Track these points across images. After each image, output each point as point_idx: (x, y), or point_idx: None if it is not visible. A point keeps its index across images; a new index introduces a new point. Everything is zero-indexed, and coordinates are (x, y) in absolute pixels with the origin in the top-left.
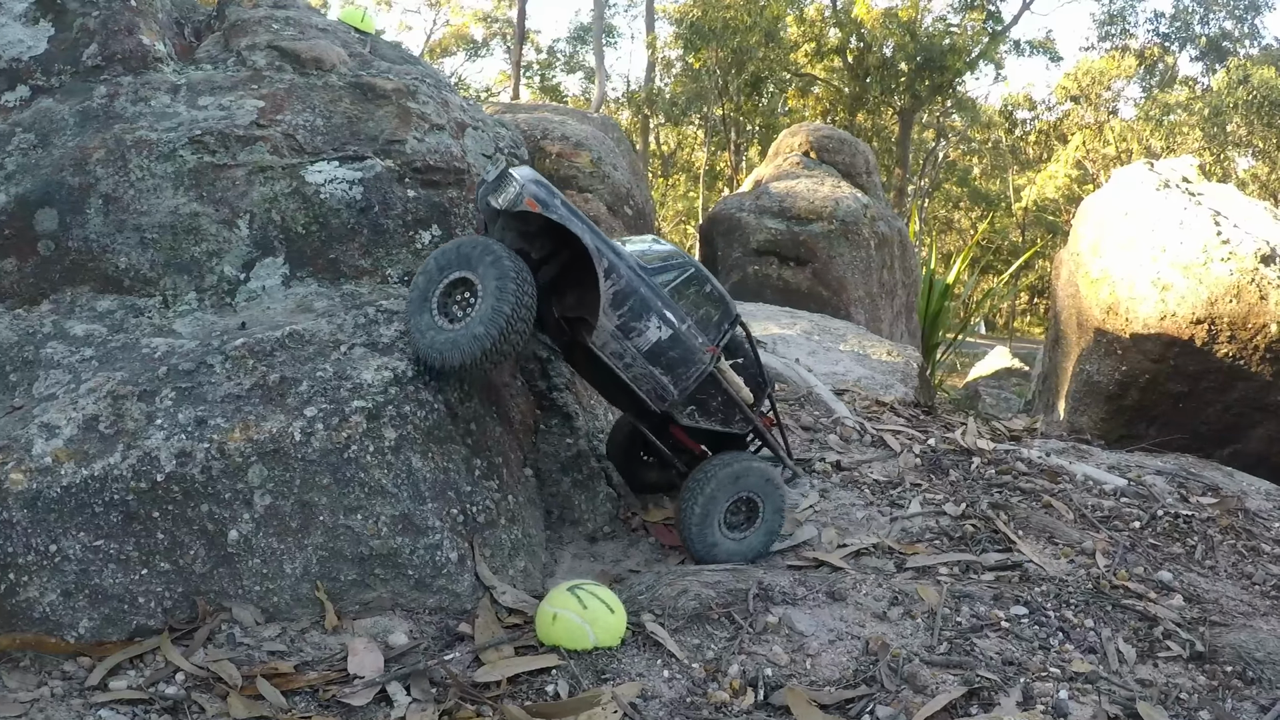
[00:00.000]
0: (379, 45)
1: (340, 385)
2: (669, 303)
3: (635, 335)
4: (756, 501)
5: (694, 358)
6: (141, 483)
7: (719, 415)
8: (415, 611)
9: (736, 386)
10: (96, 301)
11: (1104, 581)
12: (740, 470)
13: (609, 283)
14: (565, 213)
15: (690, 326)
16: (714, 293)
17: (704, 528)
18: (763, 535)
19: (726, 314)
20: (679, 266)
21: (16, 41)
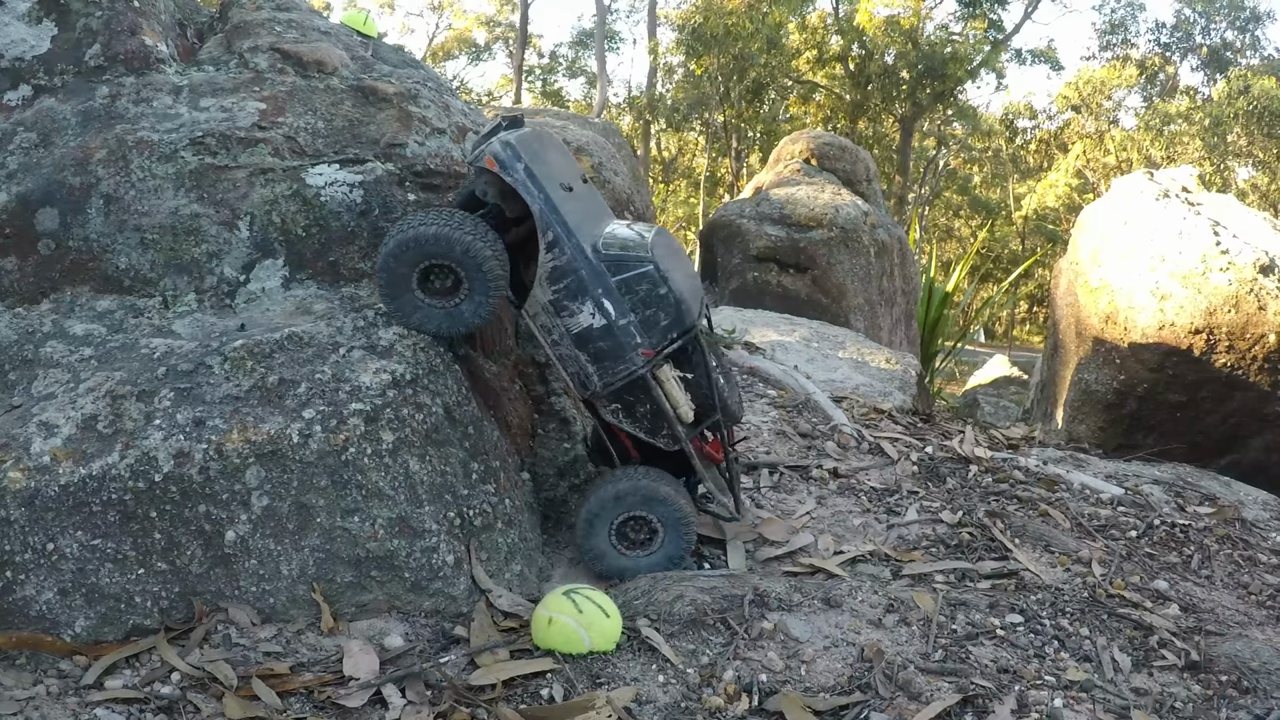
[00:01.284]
0: (381, 49)
1: (339, 388)
2: (611, 292)
3: (567, 315)
4: (654, 524)
5: (625, 355)
6: (139, 482)
7: (644, 423)
8: (411, 614)
9: (674, 401)
10: (96, 301)
11: (1100, 590)
12: (629, 489)
13: (549, 255)
14: (523, 177)
15: (630, 323)
16: (668, 297)
17: (589, 537)
18: (660, 558)
19: (678, 322)
20: (637, 260)
21: (19, 40)
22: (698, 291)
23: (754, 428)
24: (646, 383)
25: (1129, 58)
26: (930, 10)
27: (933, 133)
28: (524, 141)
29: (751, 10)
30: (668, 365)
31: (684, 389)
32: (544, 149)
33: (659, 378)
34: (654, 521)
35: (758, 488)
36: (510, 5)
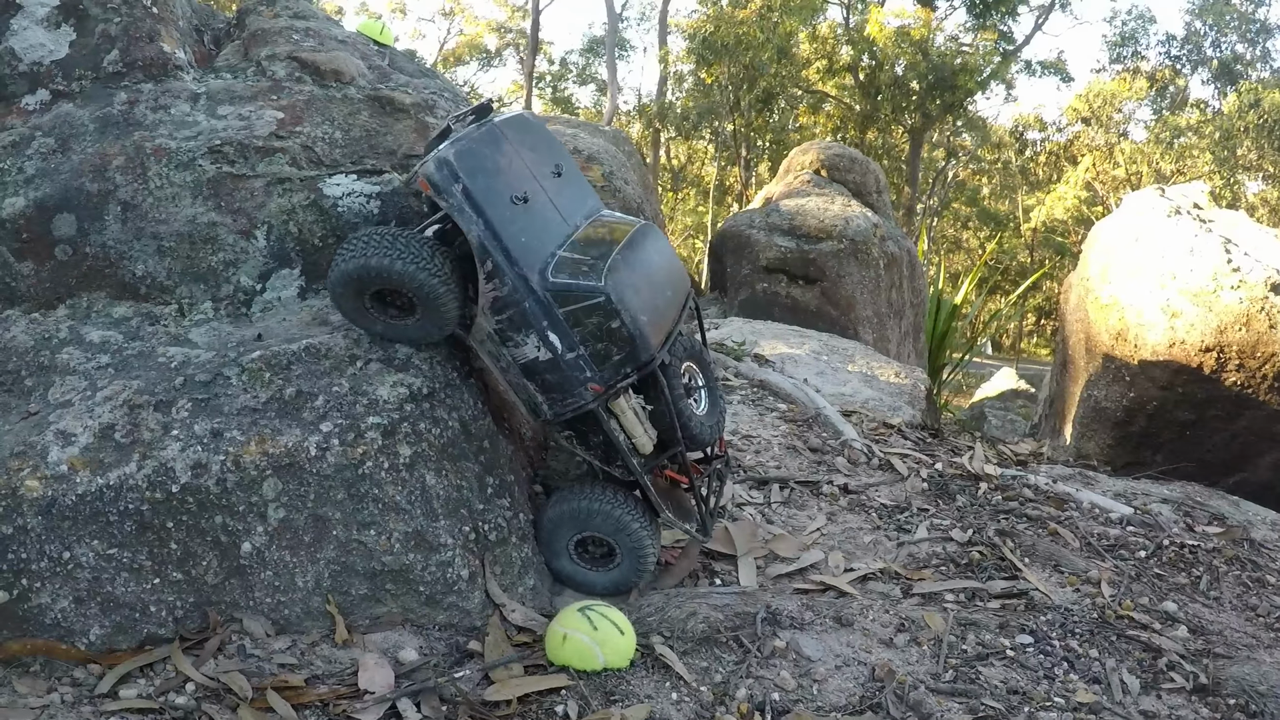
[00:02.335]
0: (397, 58)
1: (356, 401)
2: (558, 325)
3: (512, 345)
4: (611, 544)
5: (574, 390)
6: (157, 493)
7: (597, 452)
8: (425, 627)
9: (630, 433)
10: (113, 308)
11: (1109, 611)
12: (582, 510)
13: (490, 286)
14: (459, 200)
15: (578, 357)
16: (621, 331)
17: (550, 548)
18: (616, 577)
19: (631, 358)
20: (587, 292)
21: (38, 45)
22: (665, 313)
23: (764, 442)
24: (598, 417)
25: (1139, 70)
26: (941, 22)
27: (942, 144)
28: (466, 155)
29: (762, 20)
30: (624, 397)
31: (646, 418)
32: (496, 153)
33: (613, 410)
34: (612, 545)
35: (768, 503)
36: (522, 12)
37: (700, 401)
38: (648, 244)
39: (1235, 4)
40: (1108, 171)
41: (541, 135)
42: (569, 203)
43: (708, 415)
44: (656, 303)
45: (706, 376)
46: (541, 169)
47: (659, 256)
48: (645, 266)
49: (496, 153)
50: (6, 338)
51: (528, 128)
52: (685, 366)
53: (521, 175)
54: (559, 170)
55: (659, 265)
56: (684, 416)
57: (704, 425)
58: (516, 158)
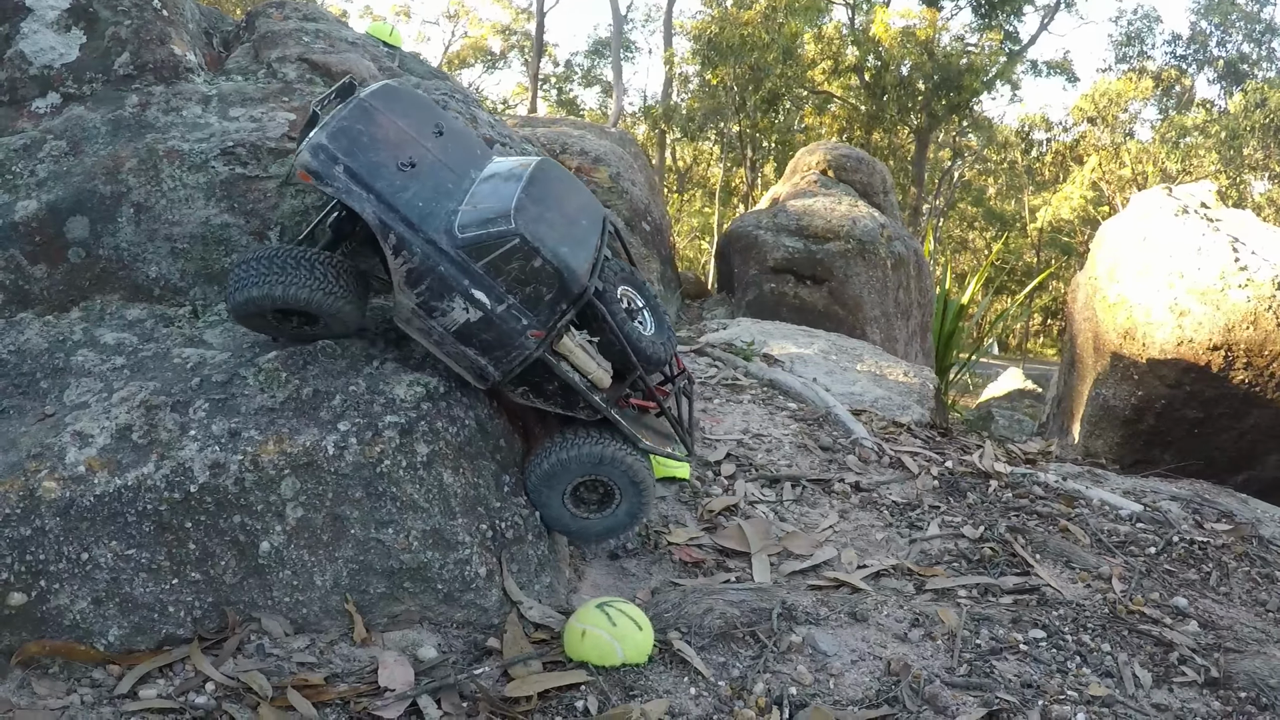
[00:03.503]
0: (407, 60)
1: (373, 400)
2: (479, 280)
3: (439, 315)
4: (609, 486)
5: (514, 342)
6: (175, 493)
7: (557, 399)
8: (443, 625)
9: (584, 369)
10: (126, 310)
11: (1120, 606)
12: (585, 455)
13: (399, 260)
14: (344, 182)
15: (509, 308)
16: (545, 268)
17: (546, 503)
18: (622, 518)
19: (564, 292)
20: (499, 237)
21: (48, 48)
22: (585, 241)
23: (775, 440)
24: (546, 362)
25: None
26: (946, 22)
27: (947, 144)
28: (339, 135)
29: (768, 21)
30: (568, 335)
31: (595, 351)
32: (371, 126)
33: (560, 352)
34: (608, 483)
35: (780, 500)
36: (526, 14)
37: (646, 322)
38: (550, 178)
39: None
40: (1114, 171)
41: (413, 100)
42: (459, 158)
43: (657, 334)
44: (573, 232)
45: (645, 297)
46: (422, 131)
47: (564, 188)
48: (553, 200)
49: (371, 126)
50: (21, 340)
51: (396, 96)
52: (621, 291)
53: (403, 142)
54: (440, 129)
55: (567, 196)
56: (633, 339)
57: (655, 344)
58: (393, 127)
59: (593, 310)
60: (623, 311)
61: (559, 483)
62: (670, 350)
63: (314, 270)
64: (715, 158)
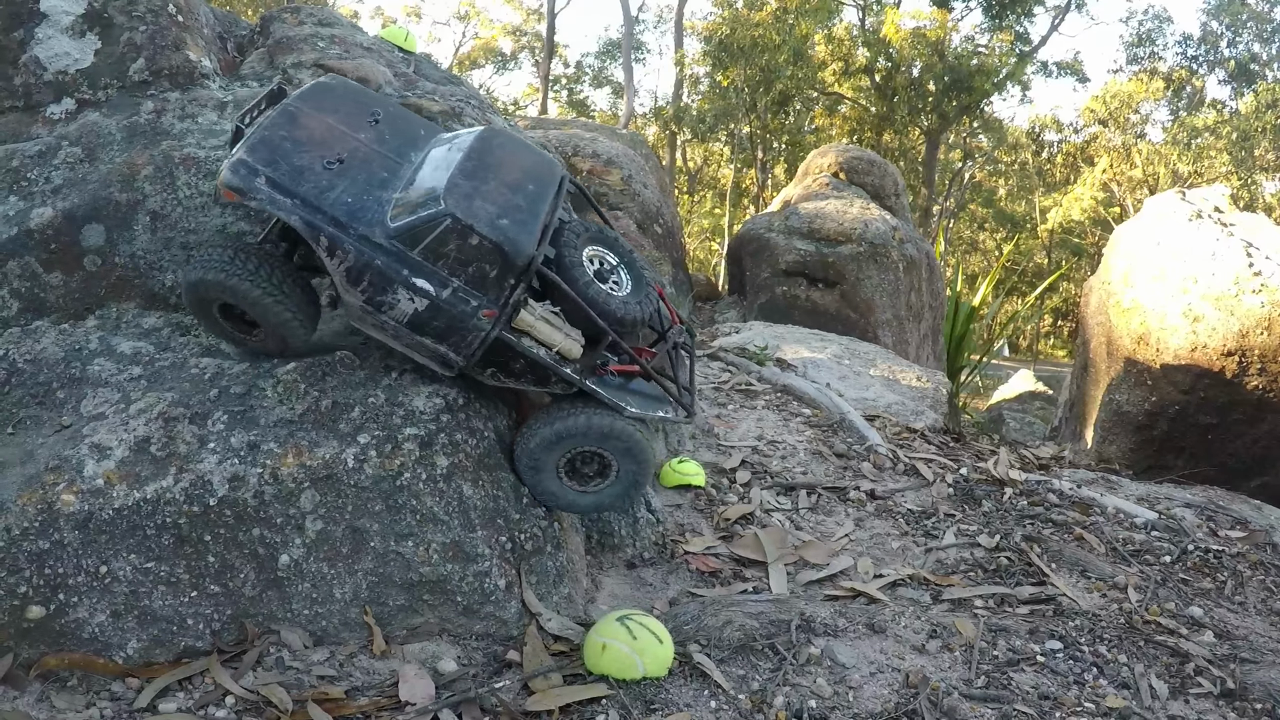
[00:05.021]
0: (422, 65)
1: (393, 412)
2: (419, 268)
3: (388, 309)
4: (605, 457)
5: (468, 324)
6: (194, 506)
7: (527, 377)
8: (462, 637)
9: (550, 342)
10: (142, 318)
11: (1136, 616)
12: (580, 426)
13: (335, 261)
14: (267, 193)
15: (456, 291)
16: (483, 245)
17: (537, 477)
18: (617, 491)
19: (509, 266)
20: (431, 221)
21: (63, 54)
22: (532, 208)
23: (790, 447)
24: (505, 341)
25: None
26: (956, 23)
27: (958, 145)
28: (259, 148)
29: (779, 22)
30: (527, 309)
31: (563, 321)
32: (295, 130)
33: (520, 328)
34: (605, 455)
35: (796, 509)
36: (537, 15)
37: (622, 281)
38: (491, 147)
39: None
40: (1124, 172)
41: (346, 93)
42: (397, 143)
43: (633, 292)
44: (516, 201)
45: (619, 254)
46: (355, 123)
47: (508, 154)
48: (492, 170)
49: (295, 130)
50: (37, 349)
51: (327, 92)
52: (590, 252)
53: (331, 139)
54: (376, 117)
55: (510, 163)
56: (599, 302)
57: (629, 304)
58: (320, 125)
59: (545, 279)
60: (588, 274)
61: (551, 456)
62: (648, 309)
63: (259, 268)
64: (725, 159)
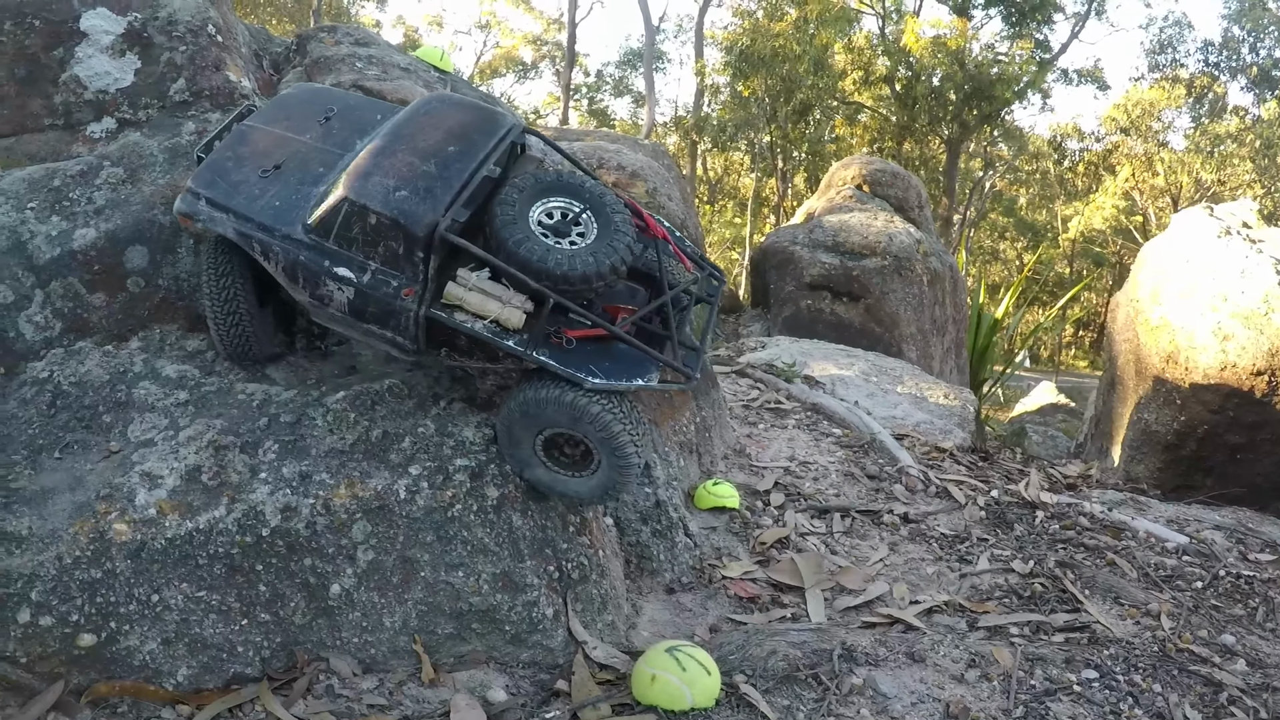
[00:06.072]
0: (459, 85)
1: (443, 442)
2: (336, 257)
3: (328, 302)
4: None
5: (394, 306)
6: (246, 536)
7: (476, 354)
8: (509, 665)
9: (484, 313)
10: (186, 341)
11: (1169, 645)
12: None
13: (271, 263)
14: (207, 213)
15: (375, 274)
16: (381, 221)
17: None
18: (598, 482)
19: (412, 240)
20: (333, 209)
21: (103, 73)
22: (445, 173)
23: (822, 469)
24: (434, 317)
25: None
26: (976, 31)
27: (979, 154)
28: (202, 174)
29: (799, 32)
30: (457, 280)
31: (505, 289)
32: (241, 148)
33: (449, 303)
34: (588, 445)
35: (830, 533)
36: (557, 24)
37: (589, 231)
38: (417, 115)
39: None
40: (1146, 181)
41: (304, 97)
42: (345, 135)
43: (594, 244)
44: (425, 168)
45: (586, 200)
46: (304, 126)
47: (433, 119)
48: (405, 140)
49: (240, 147)
50: (81, 371)
51: (283, 104)
52: (547, 206)
53: (273, 148)
54: (329, 114)
55: (431, 128)
56: (531, 262)
57: (574, 260)
58: (267, 137)
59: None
60: (527, 230)
61: (524, 435)
62: (610, 259)
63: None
64: (746, 168)
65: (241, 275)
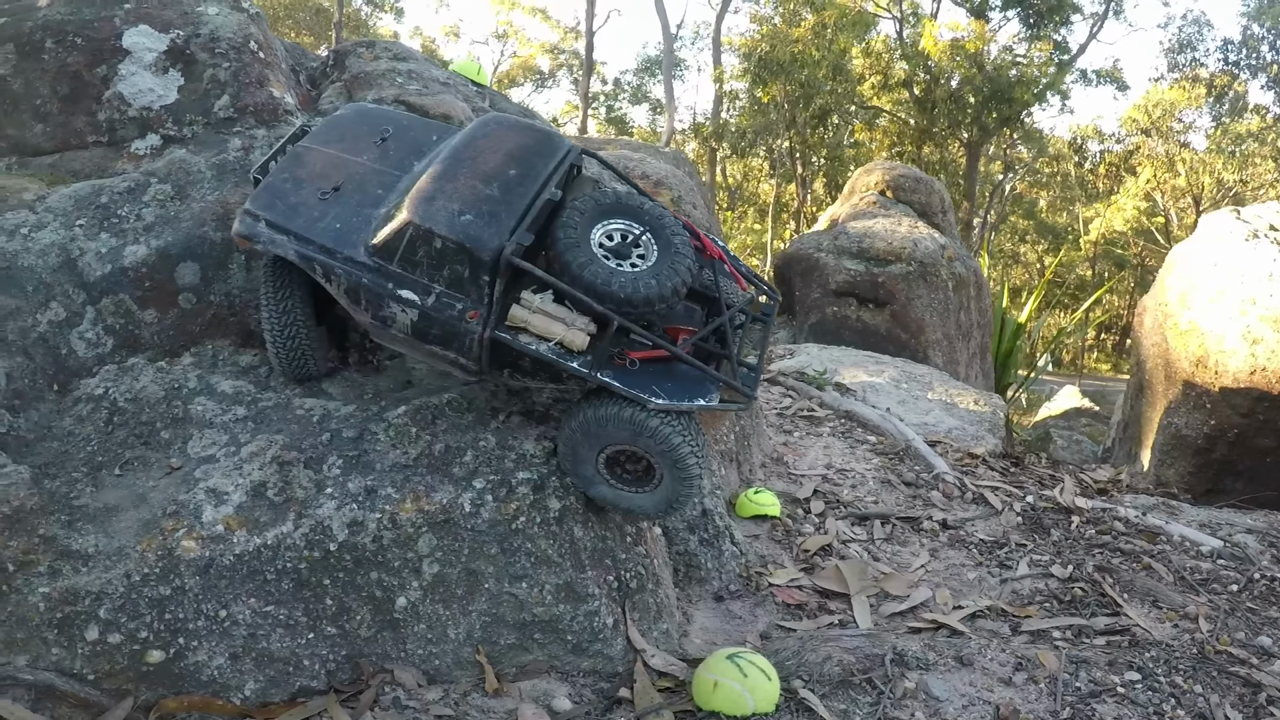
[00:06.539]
0: (497, 99)
1: (504, 455)
2: (400, 279)
3: (391, 323)
4: (648, 460)
5: (459, 328)
6: (314, 551)
7: (541, 375)
8: (570, 674)
9: (549, 335)
10: (238, 356)
11: (1208, 647)
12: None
13: (333, 285)
14: (267, 235)
15: (440, 297)
16: (447, 245)
17: (576, 466)
18: (661, 496)
19: (478, 264)
20: (397, 232)
21: (147, 90)
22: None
23: (859, 476)
24: (499, 339)
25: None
26: (994, 33)
27: (999, 157)
28: (260, 196)
29: (818, 37)
30: (521, 303)
31: (569, 311)
32: (297, 170)
33: (514, 325)
34: (643, 454)
35: (872, 539)
36: (574, 33)
37: (649, 253)
38: (476, 138)
39: None
40: (1168, 181)
41: (358, 118)
42: (401, 156)
43: (655, 266)
44: (488, 192)
45: (647, 222)
46: (360, 147)
47: (493, 141)
48: (466, 164)
49: (297, 169)
50: (136, 388)
51: (337, 124)
52: (607, 227)
53: (331, 170)
54: (384, 136)
55: (492, 150)
56: (596, 284)
57: (637, 282)
58: (323, 159)
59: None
60: (590, 254)
61: (588, 449)
62: (673, 281)
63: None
64: (765, 174)
65: (299, 294)
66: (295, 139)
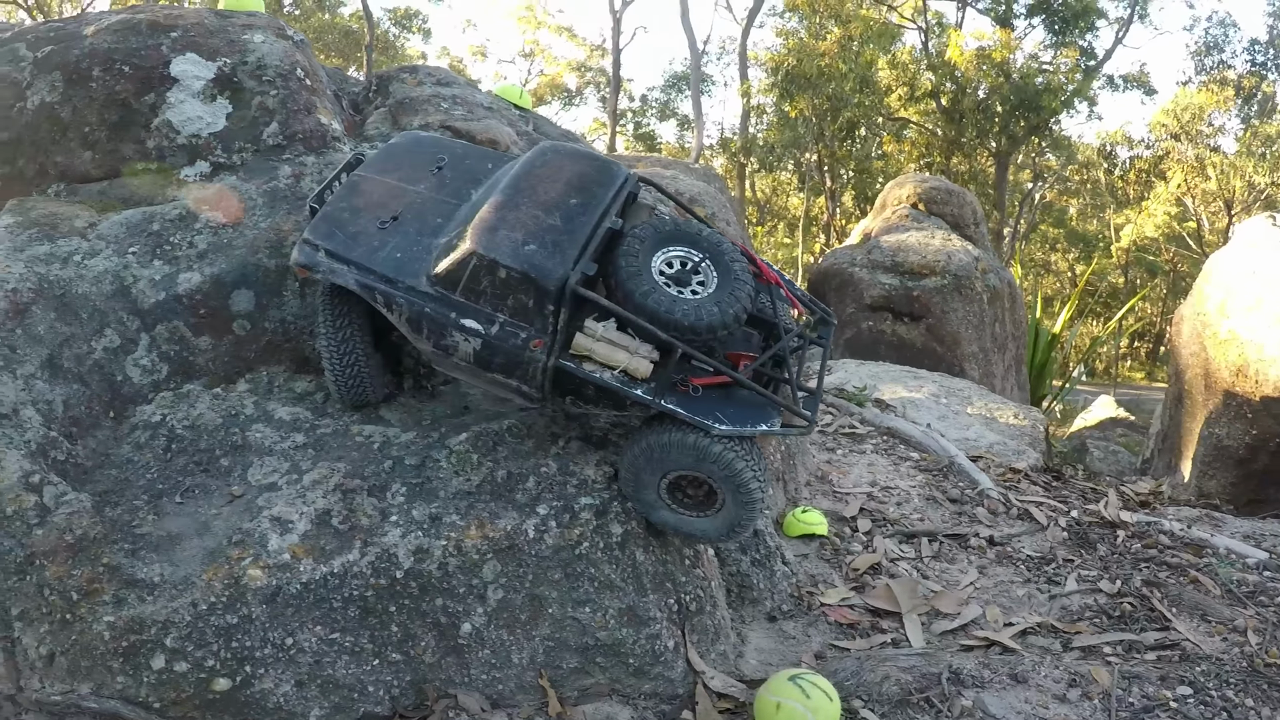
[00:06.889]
0: (540, 123)
1: (566, 481)
2: (464, 309)
3: (453, 352)
4: (710, 485)
5: (523, 357)
6: (381, 579)
7: (602, 402)
8: (631, 697)
9: (613, 363)
10: (294, 382)
11: (1258, 660)
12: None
13: (394, 314)
14: (327, 264)
15: (503, 326)
16: (512, 276)
17: (638, 492)
18: (723, 521)
19: (543, 294)
20: (460, 262)
21: (195, 117)
22: (571, 225)
23: (904, 493)
24: (563, 368)
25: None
26: (1019, 41)
27: (1027, 166)
28: (319, 225)
29: (844, 50)
30: (585, 331)
31: (632, 338)
32: (355, 199)
33: (578, 354)
34: (706, 480)
35: (920, 557)
36: (601, 51)
37: (709, 280)
38: (535, 167)
39: None
40: (1198, 185)
41: (412, 146)
42: (458, 185)
43: (716, 293)
44: (549, 221)
45: (705, 249)
46: (417, 176)
47: (552, 170)
48: (527, 193)
49: (355, 198)
50: (194, 415)
51: (392, 153)
52: (667, 255)
53: (389, 199)
54: (440, 164)
55: (551, 180)
56: (659, 313)
57: (699, 310)
58: (380, 187)
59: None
60: (651, 282)
61: (650, 474)
62: (734, 308)
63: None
64: (794, 188)
65: (357, 321)
66: (350, 168)
